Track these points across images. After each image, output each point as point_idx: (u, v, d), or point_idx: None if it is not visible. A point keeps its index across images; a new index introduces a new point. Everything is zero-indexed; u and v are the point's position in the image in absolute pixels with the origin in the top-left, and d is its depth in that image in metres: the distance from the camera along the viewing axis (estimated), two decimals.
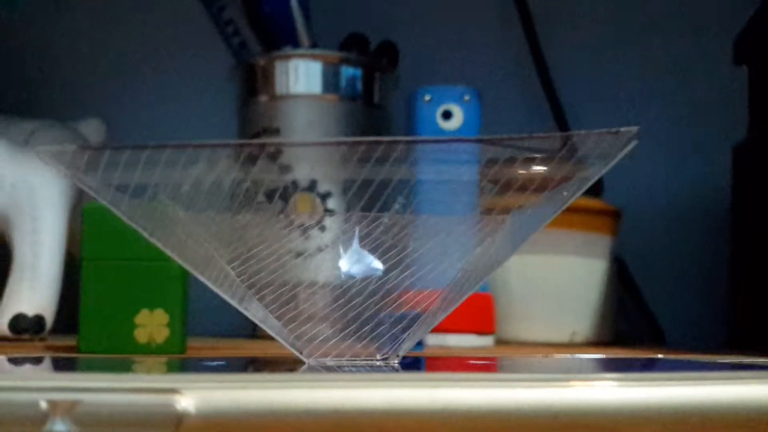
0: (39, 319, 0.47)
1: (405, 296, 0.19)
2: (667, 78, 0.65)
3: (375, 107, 0.54)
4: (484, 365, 0.18)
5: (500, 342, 0.50)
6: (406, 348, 0.18)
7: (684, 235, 0.63)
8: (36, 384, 0.12)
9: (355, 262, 0.17)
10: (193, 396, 0.12)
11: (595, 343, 0.51)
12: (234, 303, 0.16)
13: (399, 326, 0.18)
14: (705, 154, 0.63)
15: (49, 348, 0.41)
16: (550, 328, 0.50)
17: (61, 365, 0.15)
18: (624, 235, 0.55)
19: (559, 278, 0.51)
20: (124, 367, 0.15)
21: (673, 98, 0.64)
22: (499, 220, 0.17)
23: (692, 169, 0.64)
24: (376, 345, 0.18)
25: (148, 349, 0.37)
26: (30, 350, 0.40)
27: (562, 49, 0.64)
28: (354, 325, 0.17)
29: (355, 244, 0.17)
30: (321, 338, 0.17)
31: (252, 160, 0.53)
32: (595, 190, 0.54)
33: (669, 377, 0.14)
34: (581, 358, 0.21)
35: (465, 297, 0.19)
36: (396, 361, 0.18)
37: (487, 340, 0.46)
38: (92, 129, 0.53)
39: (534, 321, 0.50)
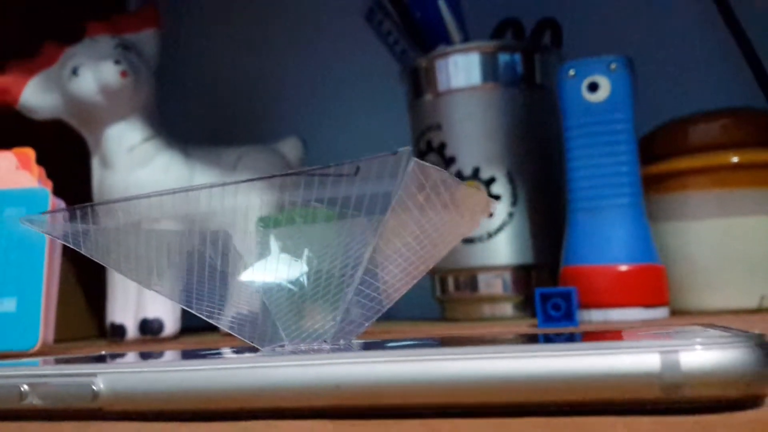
0: None
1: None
2: None
3: (537, 89, 0.54)
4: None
5: (680, 313, 0.48)
6: (354, 333, 0.21)
7: None
8: (18, 372, 0.18)
9: (280, 268, 0.20)
10: (104, 378, 0.17)
11: None
12: (184, 305, 0.20)
13: (346, 315, 0.20)
14: None
15: None
16: (737, 294, 0.47)
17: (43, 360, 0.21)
18: None
19: (745, 240, 0.47)
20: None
21: None
22: (374, 223, 0.19)
23: None
24: (329, 333, 0.20)
25: None
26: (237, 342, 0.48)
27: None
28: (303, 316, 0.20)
29: (275, 252, 0.20)
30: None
31: (421, 155, 0.57)
32: None
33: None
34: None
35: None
36: (331, 346, 0.20)
37: (658, 313, 0.45)
38: (291, 147, 0.60)
39: (718, 288, 0.48)
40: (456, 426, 0.15)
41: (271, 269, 0.20)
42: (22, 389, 0.18)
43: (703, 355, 0.14)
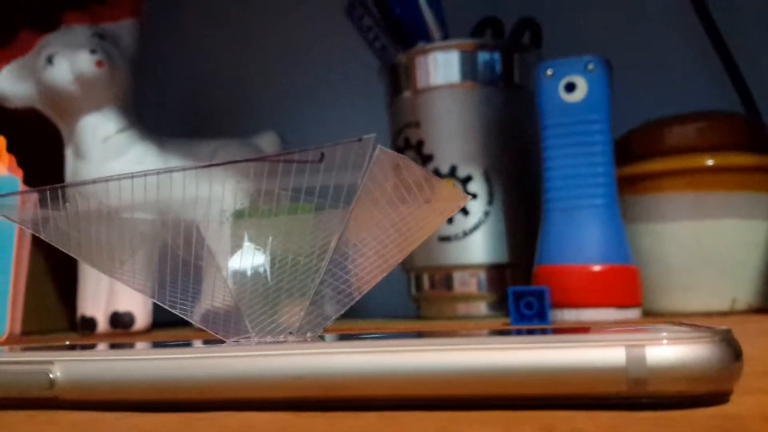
0: None
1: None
2: None
3: (516, 88, 0.54)
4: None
5: (653, 314, 0.48)
6: (321, 326, 0.20)
7: None
8: None
9: (247, 260, 0.20)
10: (60, 366, 0.17)
11: (759, 309, 0.47)
12: (147, 293, 0.19)
13: (312, 309, 0.20)
14: None
15: None
16: (709, 296, 0.47)
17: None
18: None
19: (718, 243, 0.48)
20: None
21: None
22: (340, 214, 0.19)
23: None
24: (297, 326, 0.20)
25: None
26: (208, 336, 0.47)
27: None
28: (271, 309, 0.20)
29: (242, 244, 0.20)
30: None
31: (399, 153, 0.57)
32: (761, 145, 0.50)
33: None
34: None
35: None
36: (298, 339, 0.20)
37: (630, 314, 0.45)
38: (268, 142, 0.60)
39: (691, 290, 0.48)
40: (416, 418, 0.15)
41: (238, 262, 0.20)
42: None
43: (670, 349, 0.14)
